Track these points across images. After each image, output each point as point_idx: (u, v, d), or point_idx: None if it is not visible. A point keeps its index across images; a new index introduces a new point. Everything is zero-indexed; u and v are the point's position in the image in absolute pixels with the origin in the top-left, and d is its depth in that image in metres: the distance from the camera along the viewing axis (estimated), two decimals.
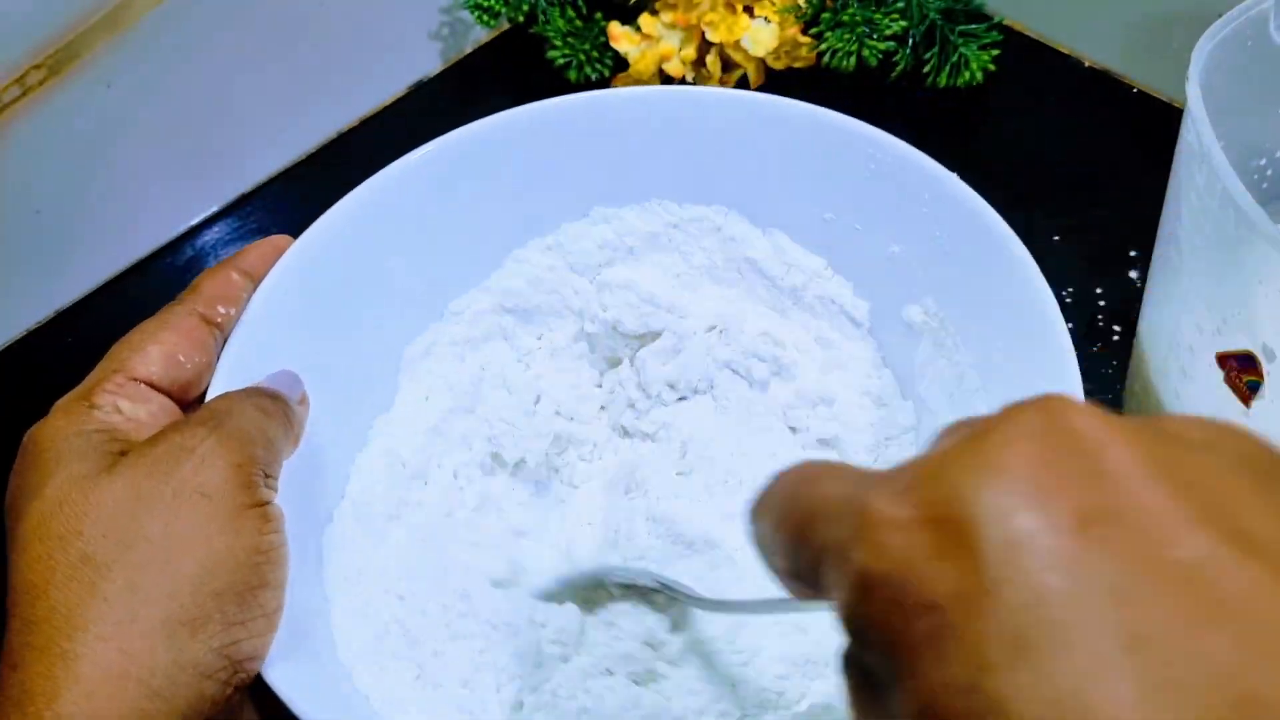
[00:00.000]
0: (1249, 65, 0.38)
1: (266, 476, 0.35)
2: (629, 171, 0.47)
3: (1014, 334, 0.39)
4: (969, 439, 0.19)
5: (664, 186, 0.48)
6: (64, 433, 0.34)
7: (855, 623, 0.19)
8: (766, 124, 0.45)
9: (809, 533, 0.21)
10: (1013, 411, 0.19)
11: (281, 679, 0.33)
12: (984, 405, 0.41)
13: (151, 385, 0.36)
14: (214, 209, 0.64)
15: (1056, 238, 0.49)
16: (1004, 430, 0.18)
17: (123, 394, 0.36)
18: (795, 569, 0.22)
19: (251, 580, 0.33)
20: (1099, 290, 0.53)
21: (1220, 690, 0.15)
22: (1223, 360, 0.36)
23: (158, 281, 0.61)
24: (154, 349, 0.37)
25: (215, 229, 0.63)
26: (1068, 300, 0.53)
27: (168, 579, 0.31)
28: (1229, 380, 0.36)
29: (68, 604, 0.31)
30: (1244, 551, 0.16)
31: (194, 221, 0.63)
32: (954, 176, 0.42)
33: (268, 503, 0.34)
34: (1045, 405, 0.19)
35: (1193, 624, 0.16)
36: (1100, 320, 0.52)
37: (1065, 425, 0.18)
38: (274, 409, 0.37)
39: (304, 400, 0.39)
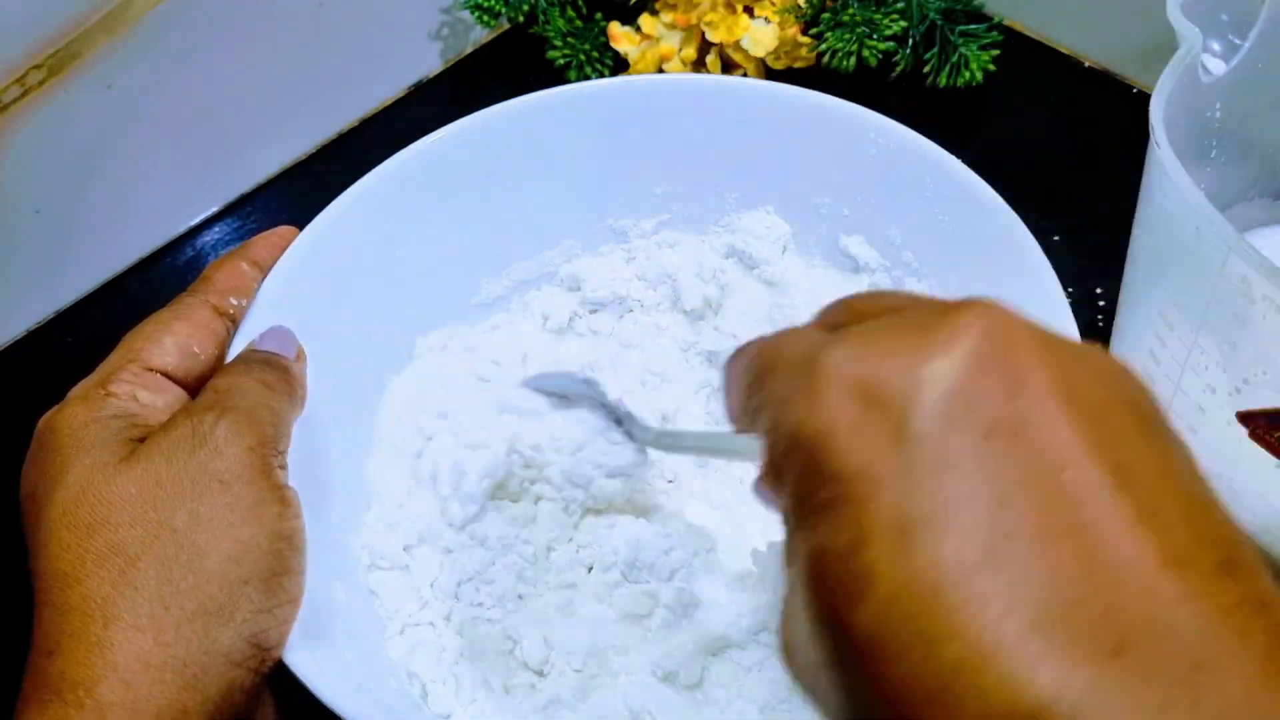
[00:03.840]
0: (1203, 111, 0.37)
1: (278, 454, 0.35)
2: (625, 162, 0.47)
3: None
4: (920, 328, 0.20)
5: (662, 175, 0.48)
6: (82, 419, 0.34)
7: (775, 467, 0.21)
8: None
9: (764, 380, 0.23)
10: (963, 312, 0.20)
11: (302, 663, 0.33)
12: None
13: (166, 375, 0.36)
14: (214, 209, 0.64)
15: (1056, 238, 0.49)
16: (951, 329, 0.20)
17: (139, 383, 0.36)
18: (742, 410, 0.24)
19: (275, 567, 0.33)
20: (1099, 290, 0.53)
21: (1053, 594, 0.18)
22: (1246, 418, 0.35)
23: (158, 281, 0.61)
24: (169, 339, 0.37)
25: (215, 229, 0.63)
26: (1067, 300, 0.53)
27: (196, 569, 0.31)
28: (1256, 437, 0.34)
29: (101, 593, 0.31)
30: (1118, 485, 0.19)
31: (194, 221, 0.63)
32: (956, 160, 0.42)
33: (285, 486, 0.34)
34: (990, 314, 0.20)
35: (1050, 537, 0.18)
36: (1100, 320, 0.52)
37: (1003, 338, 0.20)
38: (277, 381, 0.37)
39: (301, 356, 0.39)
